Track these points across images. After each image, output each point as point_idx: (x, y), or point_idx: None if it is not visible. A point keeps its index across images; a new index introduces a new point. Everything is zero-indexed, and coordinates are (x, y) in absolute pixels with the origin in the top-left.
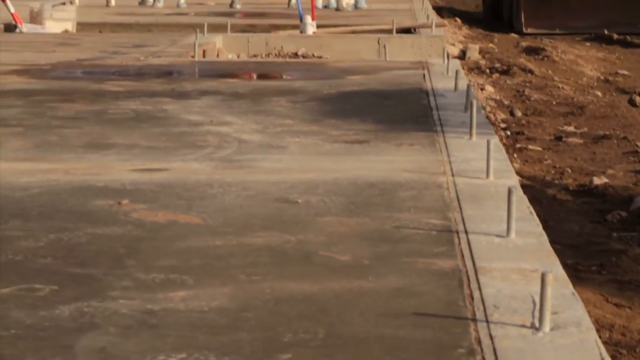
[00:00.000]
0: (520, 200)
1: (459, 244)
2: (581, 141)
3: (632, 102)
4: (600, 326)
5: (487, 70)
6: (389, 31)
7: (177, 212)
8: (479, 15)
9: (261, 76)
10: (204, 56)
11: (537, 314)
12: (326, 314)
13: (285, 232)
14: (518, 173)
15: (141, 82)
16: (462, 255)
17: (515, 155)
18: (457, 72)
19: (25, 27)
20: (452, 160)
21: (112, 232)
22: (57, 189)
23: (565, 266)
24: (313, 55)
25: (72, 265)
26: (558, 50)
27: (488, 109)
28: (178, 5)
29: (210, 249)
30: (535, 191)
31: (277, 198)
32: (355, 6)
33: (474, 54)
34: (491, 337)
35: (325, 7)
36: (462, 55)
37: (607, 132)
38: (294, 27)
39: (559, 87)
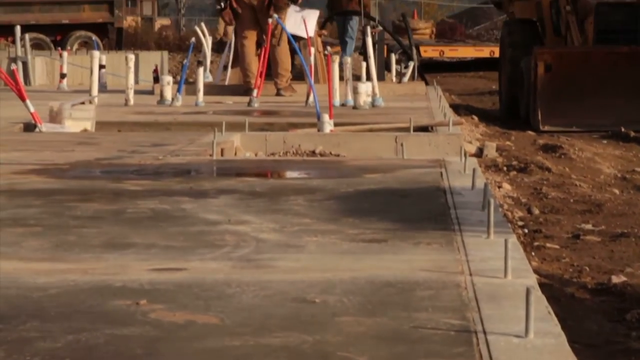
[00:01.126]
0: (539, 300)
1: (478, 344)
2: (599, 239)
3: None
4: None
5: (505, 168)
6: (407, 129)
7: (195, 312)
8: (496, 113)
9: (279, 174)
10: (222, 155)
11: None
12: None
13: (303, 333)
14: (536, 271)
15: (159, 181)
16: (481, 356)
17: (533, 254)
18: (474, 170)
19: (44, 127)
20: (470, 259)
21: (130, 333)
22: (75, 289)
23: None
24: (330, 153)
25: None
26: (575, 148)
27: (505, 206)
28: (196, 104)
29: (227, 349)
30: (554, 290)
31: (294, 298)
32: (373, 104)
33: (491, 151)
34: None
35: (343, 105)
36: (479, 153)
37: (625, 230)
38: (312, 125)
39: (576, 185)
